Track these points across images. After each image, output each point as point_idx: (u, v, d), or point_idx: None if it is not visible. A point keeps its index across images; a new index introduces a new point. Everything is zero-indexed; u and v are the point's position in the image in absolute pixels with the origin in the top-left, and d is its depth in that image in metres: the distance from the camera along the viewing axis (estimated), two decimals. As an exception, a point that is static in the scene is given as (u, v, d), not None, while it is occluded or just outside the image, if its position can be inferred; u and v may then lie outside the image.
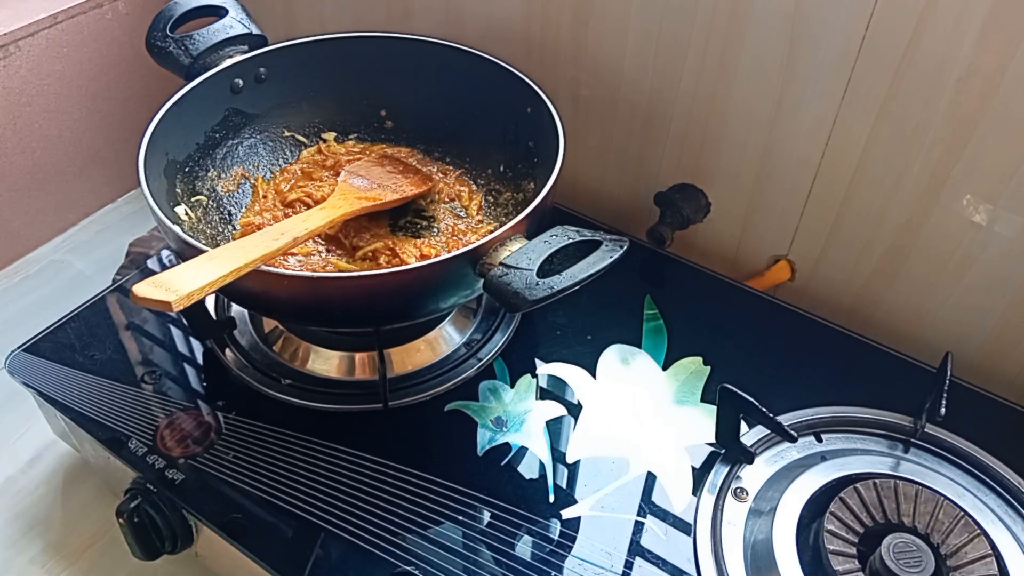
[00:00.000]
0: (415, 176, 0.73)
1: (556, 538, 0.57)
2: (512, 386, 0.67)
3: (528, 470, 0.61)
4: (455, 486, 0.59)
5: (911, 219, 0.69)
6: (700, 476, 0.60)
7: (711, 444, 0.62)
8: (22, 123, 0.92)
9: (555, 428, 0.63)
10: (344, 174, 0.70)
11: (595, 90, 0.80)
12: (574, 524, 0.58)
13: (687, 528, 0.57)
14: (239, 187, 0.73)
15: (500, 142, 0.74)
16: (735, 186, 0.77)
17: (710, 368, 0.68)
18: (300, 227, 0.58)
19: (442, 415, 0.64)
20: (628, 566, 0.55)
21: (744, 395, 0.57)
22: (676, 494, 0.59)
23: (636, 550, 0.56)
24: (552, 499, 0.59)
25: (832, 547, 0.52)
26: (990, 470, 0.60)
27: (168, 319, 0.73)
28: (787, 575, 0.52)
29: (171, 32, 0.69)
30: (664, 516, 0.58)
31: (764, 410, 0.57)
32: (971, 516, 0.54)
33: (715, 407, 0.60)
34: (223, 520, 0.58)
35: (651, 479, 0.60)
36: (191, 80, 0.68)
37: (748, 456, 0.60)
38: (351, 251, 0.67)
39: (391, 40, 0.75)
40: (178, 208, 0.66)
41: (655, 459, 0.61)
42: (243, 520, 0.58)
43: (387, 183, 0.70)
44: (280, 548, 0.56)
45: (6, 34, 0.87)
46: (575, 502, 0.59)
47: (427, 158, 0.78)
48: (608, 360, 0.69)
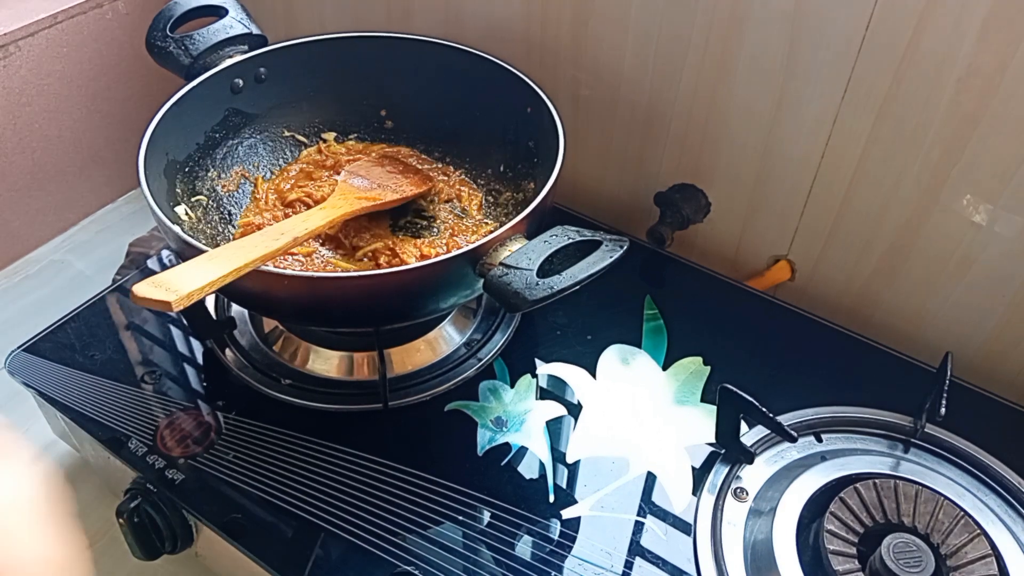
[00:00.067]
0: (415, 176, 0.73)
1: (556, 538, 0.57)
2: (512, 386, 0.67)
3: (528, 470, 0.61)
4: (455, 486, 0.59)
5: (911, 219, 0.69)
6: (700, 476, 0.60)
7: (711, 444, 0.62)
8: (22, 123, 0.92)
9: (555, 428, 0.63)
10: (344, 174, 0.70)
11: (595, 90, 0.80)
12: (574, 524, 0.58)
13: (687, 528, 0.57)
14: (239, 187, 0.73)
15: (500, 142, 0.74)
16: (735, 186, 0.77)
17: (710, 368, 0.68)
18: (300, 227, 0.58)
19: (442, 415, 0.64)
20: (628, 566, 0.55)
21: (744, 395, 0.57)
22: (676, 494, 0.59)
23: (636, 550, 0.56)
24: (552, 499, 0.59)
25: (832, 547, 0.52)
26: (990, 470, 0.60)
27: (168, 319, 0.73)
28: (787, 575, 0.52)
29: (171, 32, 0.69)
30: (664, 516, 0.58)
31: (764, 410, 0.57)
32: (971, 516, 0.54)
33: (715, 407, 0.60)
34: (223, 520, 0.58)
35: (651, 479, 0.60)
36: (191, 80, 0.68)
37: (748, 456, 0.60)
38: (351, 251, 0.67)
39: (391, 40, 0.75)
40: (178, 208, 0.66)
41: (655, 459, 0.61)
42: (243, 520, 0.58)
43: (387, 183, 0.70)
44: (280, 548, 0.56)
45: (6, 34, 0.87)
46: (575, 502, 0.59)
47: (427, 158, 0.78)
48: (608, 360, 0.69)
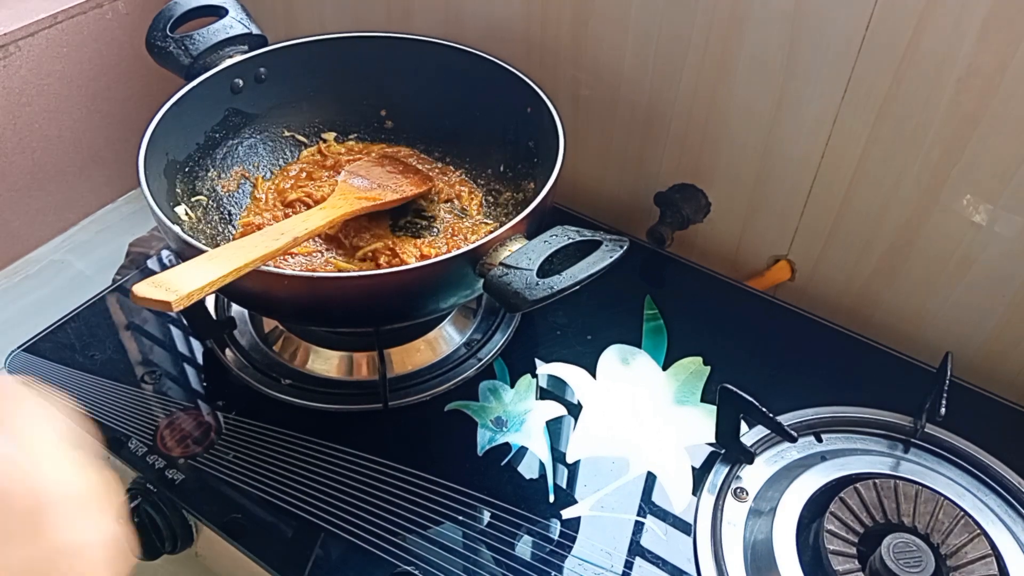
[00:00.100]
0: (415, 176, 0.73)
1: (556, 538, 0.57)
2: (512, 386, 0.67)
3: (528, 470, 0.61)
4: (455, 486, 0.59)
5: (911, 219, 0.69)
6: (700, 476, 0.60)
7: (711, 444, 0.62)
8: (22, 123, 0.92)
9: (555, 428, 0.63)
10: (344, 174, 0.70)
11: (595, 90, 0.80)
12: (574, 524, 0.58)
13: (687, 528, 0.57)
14: (239, 187, 0.73)
15: (500, 142, 0.74)
16: (735, 186, 0.77)
17: (710, 368, 0.68)
18: (300, 227, 0.58)
19: (442, 415, 0.64)
20: (628, 566, 0.55)
21: (744, 395, 0.57)
22: (676, 494, 0.59)
23: (636, 550, 0.56)
24: (552, 499, 0.59)
25: (832, 547, 0.52)
26: (990, 470, 0.60)
27: (168, 319, 0.73)
28: (787, 575, 0.52)
29: (171, 32, 0.69)
30: (664, 516, 0.58)
31: (764, 410, 0.57)
32: (971, 516, 0.54)
33: (715, 407, 0.60)
34: (223, 520, 0.58)
35: (651, 479, 0.60)
36: (191, 80, 0.68)
37: (748, 456, 0.60)
38: (351, 251, 0.67)
39: (391, 40, 0.75)
40: (178, 208, 0.66)
41: (655, 459, 0.61)
42: (243, 520, 0.58)
43: (387, 183, 0.70)
44: (280, 548, 0.56)
45: (6, 34, 0.87)
46: (575, 502, 0.59)
47: (427, 158, 0.78)
48: (608, 360, 0.69)
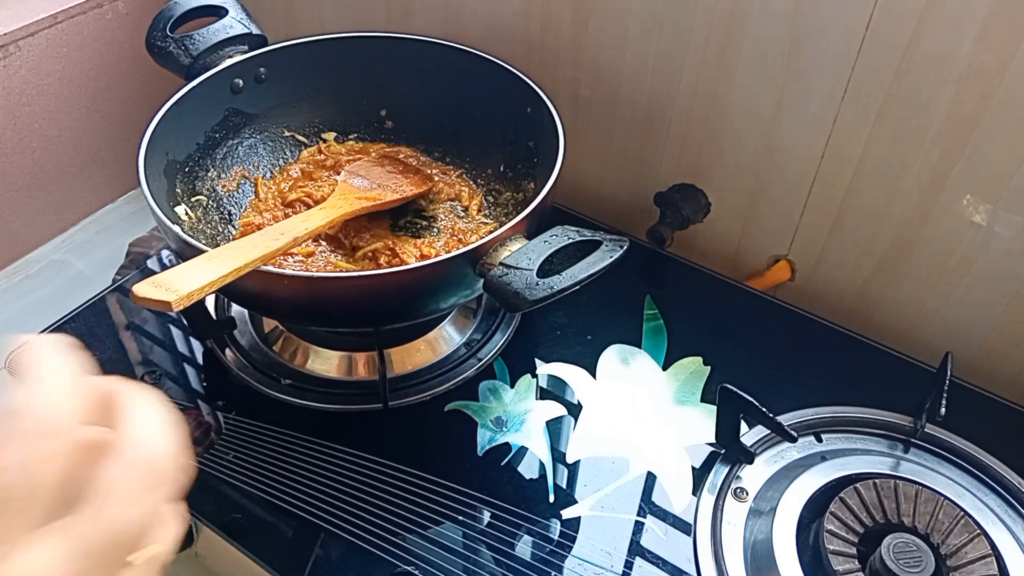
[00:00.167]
0: (415, 176, 0.73)
1: (556, 538, 0.57)
2: (512, 386, 0.67)
3: (528, 470, 0.61)
4: (455, 486, 0.59)
5: (911, 219, 0.69)
6: (700, 476, 0.60)
7: (711, 444, 0.62)
8: (22, 123, 0.92)
9: (555, 428, 0.63)
10: (344, 174, 0.70)
11: (595, 90, 0.80)
12: (574, 524, 0.58)
13: (687, 528, 0.57)
14: (239, 187, 0.73)
15: (500, 142, 0.74)
16: (735, 186, 0.77)
17: (710, 368, 0.68)
18: (300, 227, 0.58)
19: (442, 415, 0.64)
20: (628, 566, 0.55)
21: (744, 395, 0.57)
22: (676, 494, 0.59)
23: (636, 550, 0.56)
24: (552, 499, 0.59)
25: (832, 547, 0.52)
26: (990, 470, 0.60)
27: (168, 319, 0.73)
28: (787, 575, 0.52)
29: (171, 32, 0.69)
30: (664, 516, 0.58)
31: (764, 410, 0.57)
32: (971, 516, 0.54)
33: (715, 407, 0.60)
34: (223, 520, 0.58)
35: (651, 479, 0.60)
36: (191, 80, 0.67)
37: (748, 456, 0.60)
38: (351, 251, 0.67)
39: (391, 40, 0.75)
40: (178, 208, 0.66)
41: (655, 459, 0.61)
42: (243, 520, 0.58)
43: (387, 183, 0.70)
44: (280, 548, 0.56)
45: (6, 34, 0.87)
46: (575, 502, 0.59)
47: (427, 158, 0.78)
48: (608, 360, 0.69)
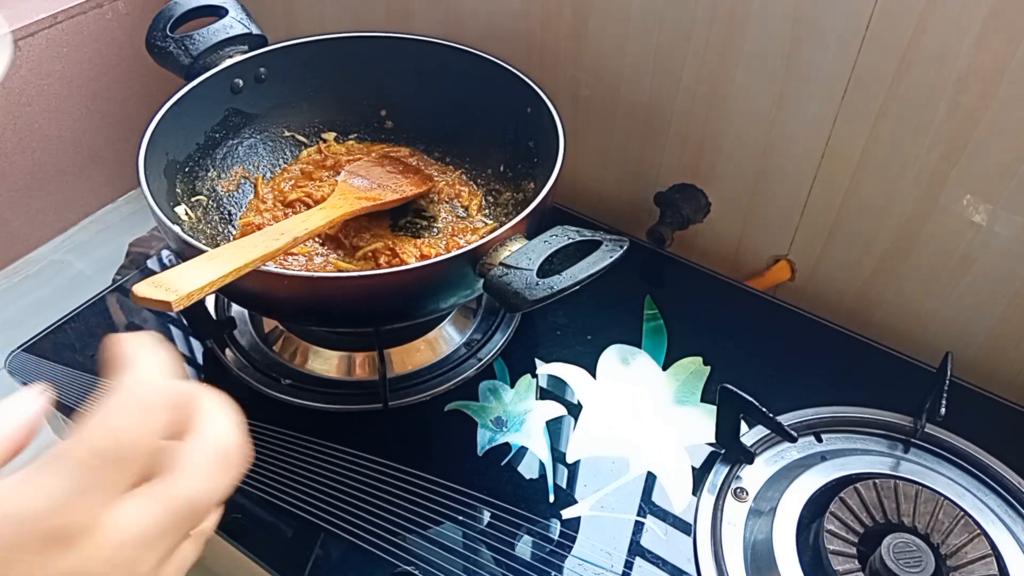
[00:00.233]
0: (415, 176, 0.73)
1: (556, 538, 0.57)
2: (512, 386, 0.67)
3: (528, 470, 0.61)
4: (455, 486, 0.59)
5: (911, 219, 0.69)
6: (700, 476, 0.60)
7: (711, 444, 0.62)
8: (22, 123, 0.92)
9: (555, 428, 0.63)
10: (344, 174, 0.70)
11: (595, 90, 0.80)
12: (574, 524, 0.58)
13: (687, 528, 0.57)
14: (239, 187, 0.73)
15: (500, 142, 0.74)
16: (735, 186, 0.77)
17: (710, 368, 0.68)
18: (300, 227, 0.58)
19: (442, 415, 0.64)
20: (628, 566, 0.55)
21: (744, 395, 0.57)
22: (676, 494, 0.59)
23: (636, 550, 0.56)
24: (552, 499, 0.59)
25: (832, 547, 0.52)
26: (990, 470, 0.60)
27: (168, 319, 0.73)
28: (787, 575, 0.52)
29: (171, 32, 0.69)
30: (664, 516, 0.58)
31: (764, 410, 0.57)
32: (971, 516, 0.54)
33: (715, 407, 0.60)
34: (223, 520, 0.57)
35: (651, 479, 0.60)
36: (191, 80, 0.67)
37: (748, 456, 0.60)
38: (351, 251, 0.67)
39: (391, 40, 0.75)
40: (178, 208, 0.66)
41: (655, 459, 0.61)
42: (243, 520, 0.58)
43: (387, 183, 0.70)
44: (280, 548, 0.56)
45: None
46: (575, 502, 0.59)
47: (427, 158, 0.78)
48: (608, 360, 0.69)
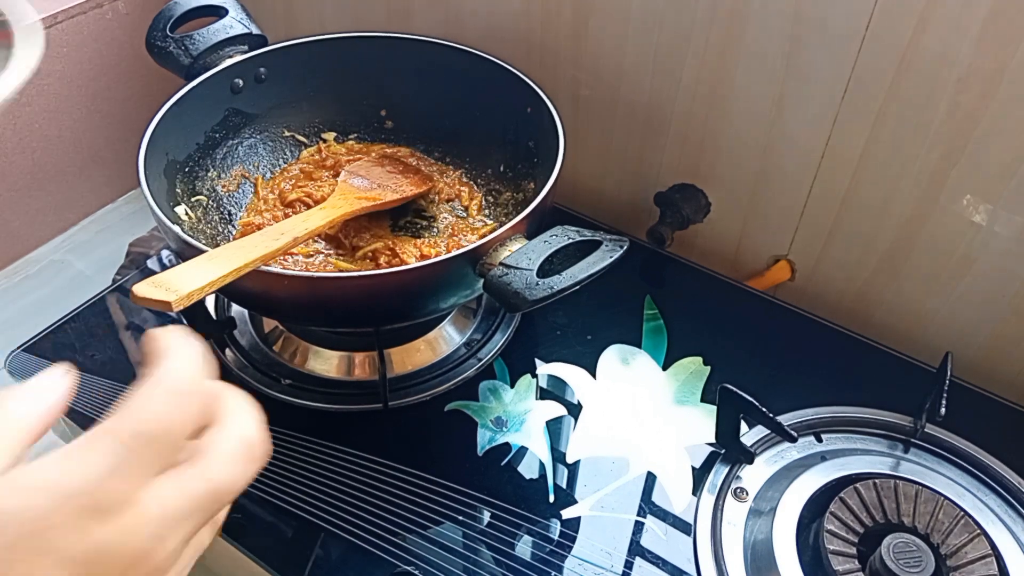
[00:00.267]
0: (415, 176, 0.73)
1: (556, 538, 0.57)
2: (512, 386, 0.67)
3: (528, 470, 0.61)
4: (455, 486, 0.59)
5: (911, 219, 0.69)
6: (700, 476, 0.60)
7: (711, 444, 0.62)
8: (22, 123, 0.92)
9: (555, 428, 0.63)
10: (344, 174, 0.70)
11: (595, 90, 0.80)
12: (574, 524, 0.58)
13: (687, 528, 0.57)
14: (239, 187, 0.73)
15: (500, 142, 0.74)
16: (735, 186, 0.77)
17: (710, 368, 0.68)
18: (300, 227, 0.58)
19: (442, 415, 0.64)
20: (628, 566, 0.55)
21: (744, 395, 0.57)
22: (676, 494, 0.59)
23: (636, 550, 0.56)
24: (552, 499, 0.59)
25: (832, 547, 0.52)
26: (990, 470, 0.60)
27: (168, 319, 0.73)
28: (787, 575, 0.52)
29: (171, 32, 0.69)
30: (664, 516, 0.58)
31: (764, 410, 0.57)
32: (971, 516, 0.54)
33: (715, 407, 0.60)
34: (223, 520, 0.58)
35: (651, 479, 0.60)
36: (191, 80, 0.67)
37: (748, 456, 0.60)
38: (351, 251, 0.67)
39: (391, 40, 0.75)
40: (178, 208, 0.66)
41: (655, 459, 0.61)
42: (243, 520, 0.58)
43: (387, 183, 0.70)
44: (280, 548, 0.56)
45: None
46: (575, 502, 0.59)
47: (427, 158, 0.78)
48: (608, 360, 0.69)
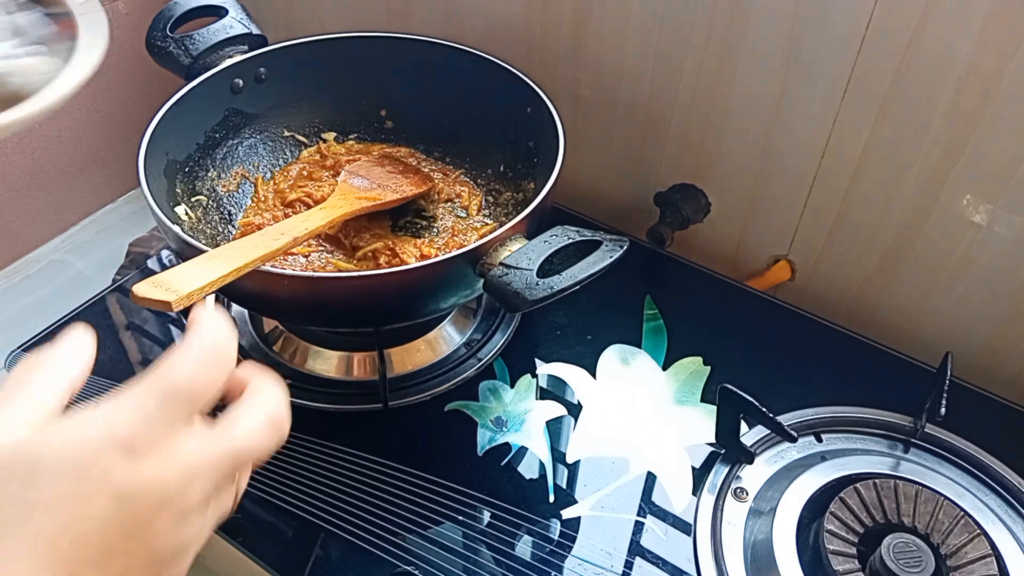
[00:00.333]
0: (415, 176, 0.73)
1: (556, 538, 0.57)
2: (512, 386, 0.67)
3: (528, 470, 0.61)
4: (455, 486, 0.59)
5: (911, 219, 0.69)
6: (700, 476, 0.60)
7: (711, 444, 0.62)
8: (22, 123, 0.92)
9: (555, 428, 0.63)
10: (344, 174, 0.70)
11: (595, 90, 0.80)
12: (574, 524, 0.58)
13: (687, 528, 0.57)
14: (239, 187, 0.73)
15: (500, 142, 0.74)
16: (735, 186, 0.77)
17: (710, 368, 0.68)
18: (300, 227, 0.58)
19: (442, 415, 0.64)
20: (628, 566, 0.55)
21: (744, 395, 0.57)
22: (676, 494, 0.59)
23: (636, 550, 0.56)
24: (552, 499, 0.59)
25: (832, 547, 0.52)
26: (990, 470, 0.60)
27: (168, 319, 0.73)
28: (787, 575, 0.52)
29: (171, 32, 0.69)
30: (664, 516, 0.58)
31: (764, 410, 0.57)
32: (971, 516, 0.54)
33: (715, 407, 0.60)
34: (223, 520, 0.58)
35: (651, 479, 0.60)
36: (191, 80, 0.67)
37: (748, 456, 0.60)
38: (351, 251, 0.67)
39: (391, 40, 0.75)
40: (178, 208, 0.66)
41: (655, 459, 0.61)
42: (243, 520, 0.58)
43: (387, 183, 0.70)
44: (280, 548, 0.56)
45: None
46: (575, 502, 0.59)
47: (427, 158, 0.78)
48: (608, 360, 0.69)
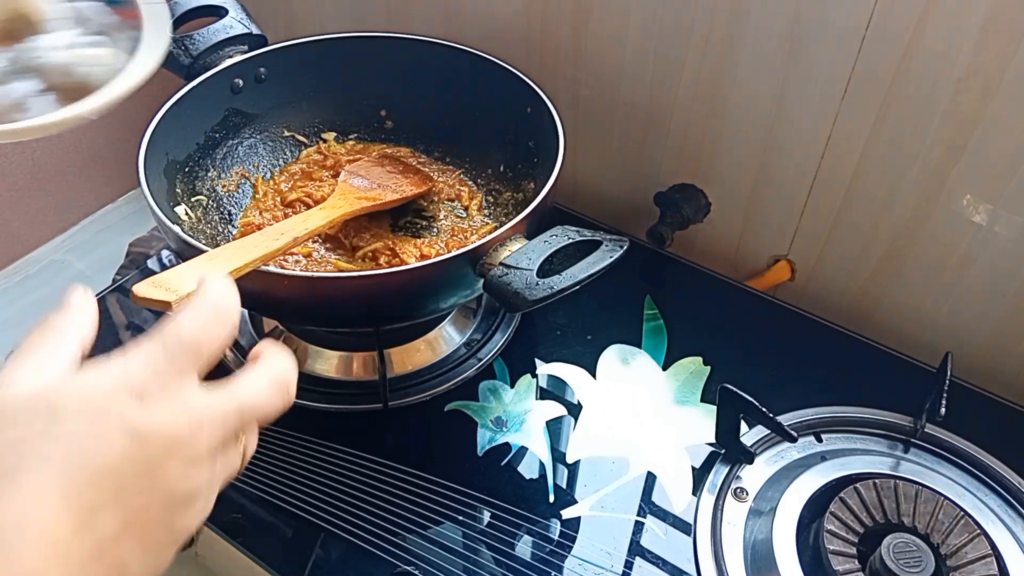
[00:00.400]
0: (415, 176, 0.73)
1: (556, 538, 0.57)
2: (512, 386, 0.67)
3: (528, 470, 0.61)
4: (455, 486, 0.59)
5: (911, 219, 0.69)
6: (700, 476, 0.60)
7: (711, 444, 0.62)
8: (22, 123, 0.92)
9: (555, 428, 0.63)
10: (344, 174, 0.70)
11: (595, 90, 0.80)
12: (574, 524, 0.58)
13: (687, 528, 0.57)
14: (239, 187, 0.73)
15: (500, 142, 0.74)
16: (735, 186, 0.77)
17: (710, 368, 0.68)
18: (300, 227, 0.58)
19: (442, 415, 0.64)
20: (628, 566, 0.55)
21: (744, 395, 0.57)
22: (676, 494, 0.59)
23: (636, 550, 0.56)
24: (552, 499, 0.59)
25: (832, 547, 0.52)
26: (990, 470, 0.60)
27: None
28: (787, 575, 0.52)
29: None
30: (664, 516, 0.58)
31: (764, 410, 0.57)
32: (971, 516, 0.54)
33: (715, 407, 0.60)
34: (223, 520, 0.58)
35: (651, 479, 0.60)
36: (191, 80, 0.68)
37: (748, 456, 0.60)
38: (351, 251, 0.67)
39: (391, 40, 0.75)
40: (178, 208, 0.66)
41: (655, 459, 0.61)
42: (243, 520, 0.58)
43: (387, 183, 0.70)
44: (280, 548, 0.56)
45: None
46: (575, 502, 0.59)
47: (427, 158, 0.78)
48: (608, 360, 0.69)
